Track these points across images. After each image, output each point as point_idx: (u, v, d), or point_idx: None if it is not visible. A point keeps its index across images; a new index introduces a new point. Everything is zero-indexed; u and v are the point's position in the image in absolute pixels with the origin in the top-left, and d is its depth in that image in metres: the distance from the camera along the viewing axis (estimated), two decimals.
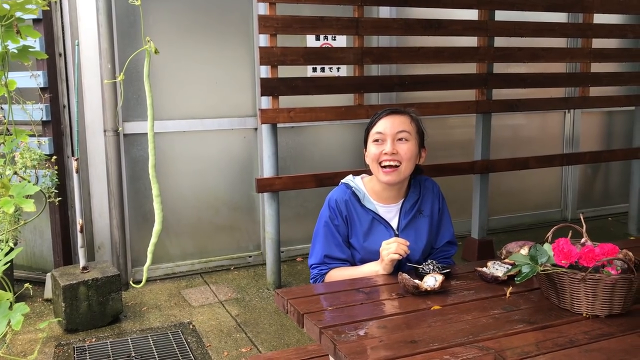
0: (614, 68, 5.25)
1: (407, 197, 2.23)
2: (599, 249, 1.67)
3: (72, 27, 3.84)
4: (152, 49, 1.74)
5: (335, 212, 2.18)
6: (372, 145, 2.16)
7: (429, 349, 1.46)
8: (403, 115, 2.18)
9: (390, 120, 2.15)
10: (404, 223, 2.20)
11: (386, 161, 2.11)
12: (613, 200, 6.03)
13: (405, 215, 2.20)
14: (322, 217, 2.21)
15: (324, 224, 2.19)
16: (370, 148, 2.17)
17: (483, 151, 4.44)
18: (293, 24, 3.67)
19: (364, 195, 2.19)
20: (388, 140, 2.12)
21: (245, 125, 4.42)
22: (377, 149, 2.13)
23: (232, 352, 3.16)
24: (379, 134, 2.14)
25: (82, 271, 3.51)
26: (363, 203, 2.19)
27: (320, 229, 2.20)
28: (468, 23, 4.17)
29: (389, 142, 2.12)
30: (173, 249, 4.34)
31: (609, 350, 1.46)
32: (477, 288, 1.90)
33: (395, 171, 2.12)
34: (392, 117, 2.16)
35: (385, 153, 2.11)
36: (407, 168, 2.14)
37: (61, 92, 3.85)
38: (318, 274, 2.20)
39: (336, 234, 2.17)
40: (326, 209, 2.20)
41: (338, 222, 2.18)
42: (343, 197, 2.19)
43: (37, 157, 3.39)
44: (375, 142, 2.15)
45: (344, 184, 2.24)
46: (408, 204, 2.21)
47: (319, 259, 2.19)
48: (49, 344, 3.26)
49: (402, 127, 2.14)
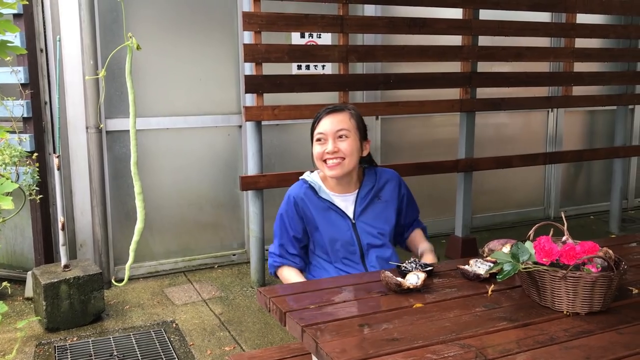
0: (596, 68, 5.30)
1: (362, 186, 2.37)
2: (579, 247, 1.68)
3: (53, 23, 3.79)
4: (134, 45, 1.72)
5: (291, 207, 2.32)
6: (316, 145, 2.30)
7: (411, 347, 1.46)
8: (342, 113, 2.30)
9: (330, 120, 2.27)
10: (359, 209, 2.34)
11: (330, 159, 2.25)
12: (595, 199, 6.10)
13: (360, 203, 2.34)
14: (280, 210, 2.37)
15: (280, 216, 2.35)
16: (315, 148, 2.30)
17: (467, 149, 4.46)
18: (278, 21, 3.66)
19: (320, 187, 2.34)
20: (329, 140, 2.25)
21: (230, 123, 4.40)
22: (321, 148, 2.27)
23: (215, 351, 3.14)
24: (321, 134, 2.27)
25: (63, 269, 3.47)
26: (319, 194, 2.32)
27: (277, 221, 2.37)
28: (452, 22, 4.18)
29: (330, 141, 2.25)
30: (156, 247, 4.31)
31: (588, 347, 1.47)
32: (459, 286, 1.90)
33: (339, 165, 2.25)
34: (331, 116, 2.28)
35: (327, 152, 2.25)
36: (351, 162, 2.27)
37: (42, 88, 3.80)
38: (272, 263, 2.39)
39: (289, 229, 2.33)
40: (284, 203, 2.35)
41: (292, 217, 2.32)
42: (300, 192, 2.34)
43: (18, 154, 3.35)
44: (318, 142, 2.29)
45: (301, 180, 2.39)
46: (363, 192, 2.36)
47: (276, 249, 2.38)
48: (29, 343, 3.22)
49: (342, 125, 2.26)
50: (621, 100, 5.14)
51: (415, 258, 2.05)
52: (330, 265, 2.33)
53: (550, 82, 5.10)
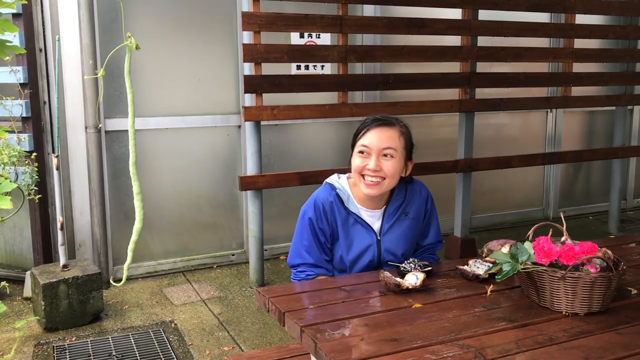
0: (595, 68, 5.31)
1: (390, 201, 2.22)
2: (578, 247, 1.68)
3: (52, 22, 3.79)
4: (133, 44, 1.72)
5: (320, 214, 2.15)
6: (356, 157, 2.13)
7: (410, 347, 1.46)
8: (392, 129, 2.12)
9: (377, 134, 2.10)
10: (387, 227, 2.20)
11: (369, 176, 2.09)
12: (594, 199, 6.10)
13: (388, 219, 2.21)
14: (305, 215, 2.18)
15: (309, 222, 2.16)
16: (355, 159, 2.14)
17: (466, 150, 4.46)
18: (277, 21, 3.66)
19: (349, 198, 2.18)
20: (373, 156, 2.08)
21: (229, 123, 4.40)
22: (362, 162, 2.10)
23: (214, 351, 3.14)
24: (365, 147, 2.10)
25: (62, 269, 3.47)
26: (347, 205, 2.17)
27: (305, 228, 2.17)
28: (451, 22, 4.18)
29: (373, 158, 2.08)
30: (155, 247, 4.30)
31: (587, 347, 1.47)
32: (459, 286, 1.90)
33: (377, 185, 2.10)
34: (380, 130, 2.11)
35: (368, 169, 2.08)
36: (390, 184, 2.13)
37: (41, 88, 3.79)
38: (305, 278, 2.16)
39: (320, 236, 2.16)
40: (311, 209, 2.17)
41: (322, 225, 2.16)
42: (328, 198, 2.17)
43: (17, 154, 3.34)
44: (360, 154, 2.12)
45: (329, 185, 2.22)
46: (392, 208, 2.21)
47: (309, 258, 2.16)
48: (28, 343, 3.22)
49: (389, 143, 2.09)
50: (620, 101, 5.14)
51: (414, 259, 2.04)
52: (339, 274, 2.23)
53: (549, 83, 5.10)
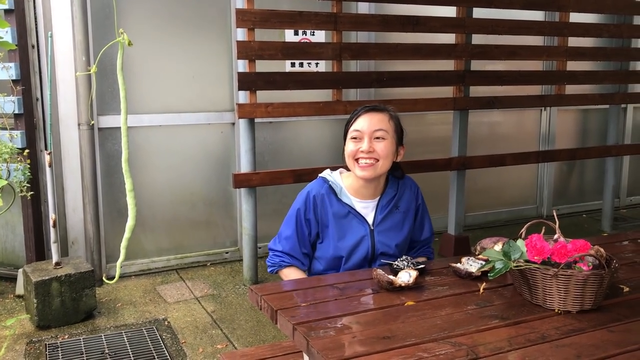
0: (589, 67, 5.31)
1: (384, 193, 2.27)
2: (571, 245, 1.68)
3: (45, 19, 3.76)
4: (125, 41, 1.71)
5: (310, 205, 2.21)
6: (350, 142, 2.20)
7: (402, 345, 1.46)
8: (381, 113, 2.21)
9: (368, 118, 2.18)
10: (380, 218, 2.24)
11: (362, 159, 2.15)
12: (587, 197, 6.12)
13: (381, 211, 2.25)
14: (295, 205, 2.24)
15: (297, 212, 2.22)
16: (348, 145, 2.21)
17: (460, 148, 4.46)
18: (271, 18, 3.65)
19: (341, 190, 2.23)
20: (365, 138, 2.16)
21: (223, 120, 4.39)
22: (355, 146, 2.17)
23: (207, 349, 3.14)
24: (357, 132, 2.18)
25: (54, 267, 3.45)
26: (340, 197, 2.22)
27: (291, 219, 2.23)
28: (446, 20, 4.18)
29: (366, 140, 2.15)
30: (148, 244, 4.29)
31: (579, 345, 1.48)
32: (451, 284, 1.91)
33: (372, 167, 2.16)
34: (370, 114, 2.19)
35: (361, 151, 2.15)
36: (384, 165, 2.18)
37: (34, 84, 3.77)
38: (278, 262, 2.24)
39: (305, 227, 2.21)
40: (302, 200, 2.23)
41: (309, 216, 2.21)
42: (320, 191, 2.22)
43: (9, 151, 3.33)
44: (353, 139, 2.19)
45: (322, 178, 2.27)
46: (385, 200, 2.27)
47: (285, 247, 2.23)
48: (20, 341, 3.20)
49: (380, 125, 2.17)
50: (614, 99, 5.16)
51: (407, 256, 2.05)
52: (329, 271, 2.24)
53: (543, 81, 5.12)
